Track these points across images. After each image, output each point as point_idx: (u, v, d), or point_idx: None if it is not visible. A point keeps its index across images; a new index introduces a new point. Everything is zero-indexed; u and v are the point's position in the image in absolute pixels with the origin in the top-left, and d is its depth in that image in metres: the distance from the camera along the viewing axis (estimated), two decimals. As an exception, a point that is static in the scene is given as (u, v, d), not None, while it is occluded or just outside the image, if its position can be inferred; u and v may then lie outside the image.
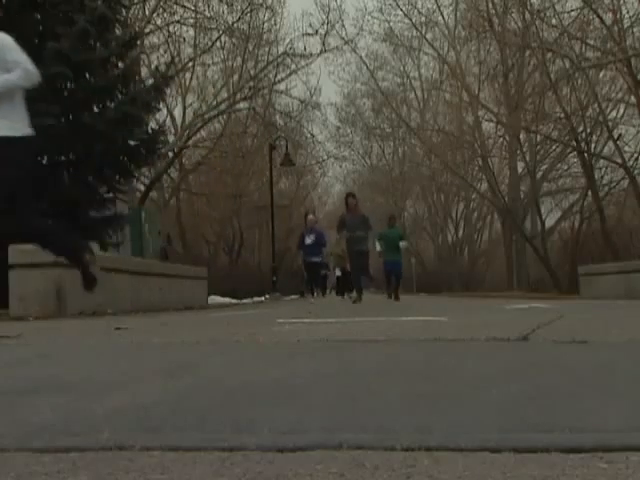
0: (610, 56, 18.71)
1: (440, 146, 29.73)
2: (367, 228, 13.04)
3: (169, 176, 27.41)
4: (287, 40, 25.66)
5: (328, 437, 1.15)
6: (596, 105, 20.98)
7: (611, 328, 3.93)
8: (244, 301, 18.73)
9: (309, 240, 15.45)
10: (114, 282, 8.77)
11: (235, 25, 23.23)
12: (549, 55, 20.55)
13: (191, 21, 22.76)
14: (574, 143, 21.93)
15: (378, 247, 15.66)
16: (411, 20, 28.51)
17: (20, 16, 10.31)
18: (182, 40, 23.08)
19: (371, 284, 16.64)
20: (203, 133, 26.34)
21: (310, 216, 17.13)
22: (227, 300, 17.31)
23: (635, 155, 22.95)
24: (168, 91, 18.33)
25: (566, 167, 28.20)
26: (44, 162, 10.62)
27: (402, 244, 16.00)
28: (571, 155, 25.72)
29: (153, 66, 16.38)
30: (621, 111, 23.79)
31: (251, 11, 23.51)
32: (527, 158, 25.76)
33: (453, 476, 0.97)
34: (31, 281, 7.26)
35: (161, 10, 21.43)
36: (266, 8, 24.32)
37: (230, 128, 25.84)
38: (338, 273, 22.54)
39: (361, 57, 32.38)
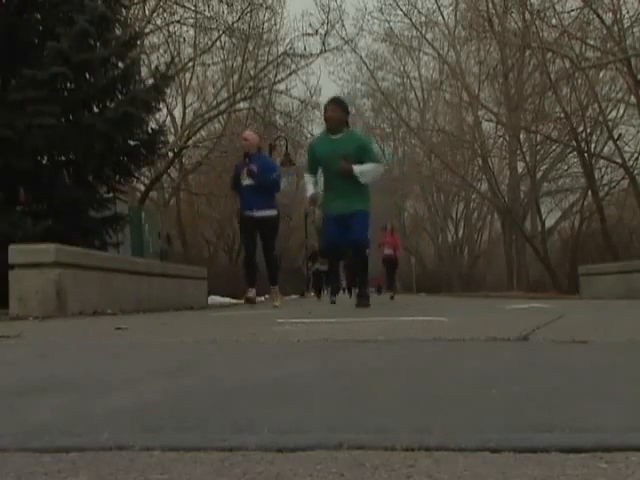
0: (610, 56, 18.72)
1: (440, 146, 29.76)
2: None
3: (169, 176, 27.42)
4: (287, 40, 25.73)
5: (328, 437, 1.15)
6: (596, 105, 20.99)
7: (611, 328, 3.93)
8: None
9: (247, 180, 9.02)
10: (114, 282, 8.77)
11: (235, 25, 23.26)
12: (549, 55, 20.56)
13: (191, 21, 22.79)
14: (574, 143, 21.93)
15: (309, 189, 7.96)
16: (411, 20, 28.60)
17: (20, 16, 10.32)
18: (182, 40, 23.14)
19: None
20: (203, 133, 26.36)
21: (247, 132, 10.02)
22: (227, 300, 17.30)
23: (635, 155, 23.00)
24: (168, 91, 18.36)
25: (566, 167, 28.26)
26: (44, 162, 10.64)
27: (361, 170, 7.37)
28: (571, 155, 25.77)
29: (153, 66, 16.36)
30: (621, 111, 23.85)
31: (251, 11, 23.54)
32: (527, 158, 25.77)
33: (453, 476, 0.97)
34: (31, 281, 7.25)
35: (161, 10, 21.47)
36: (266, 8, 24.36)
37: (230, 128, 25.84)
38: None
39: (361, 57, 32.47)
